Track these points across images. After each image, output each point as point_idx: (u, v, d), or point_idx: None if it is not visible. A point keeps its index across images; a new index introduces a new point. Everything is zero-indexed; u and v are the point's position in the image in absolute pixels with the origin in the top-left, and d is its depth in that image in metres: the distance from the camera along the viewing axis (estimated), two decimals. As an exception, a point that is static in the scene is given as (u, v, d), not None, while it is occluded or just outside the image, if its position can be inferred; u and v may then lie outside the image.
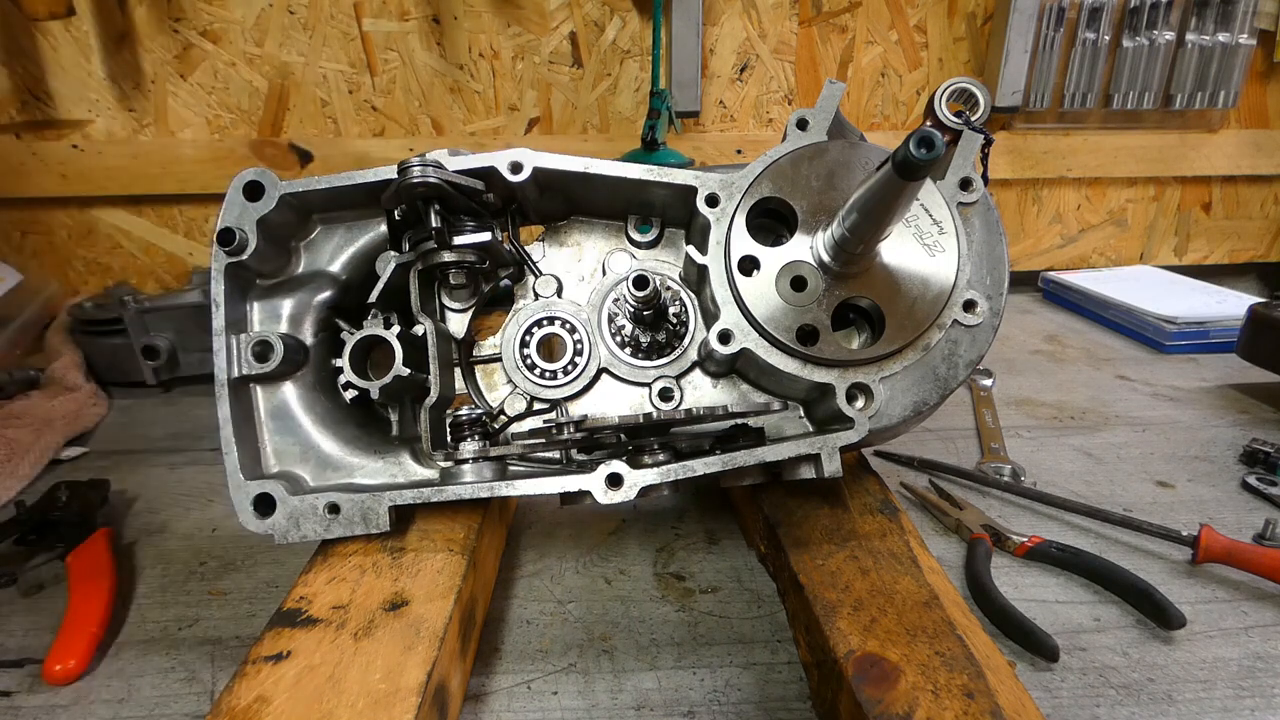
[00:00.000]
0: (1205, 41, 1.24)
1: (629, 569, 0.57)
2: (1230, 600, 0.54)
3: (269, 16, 1.14)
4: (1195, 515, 0.65)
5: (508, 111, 1.25)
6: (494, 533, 0.56)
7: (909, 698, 0.37)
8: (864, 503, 0.54)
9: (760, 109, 1.28)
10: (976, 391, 0.88)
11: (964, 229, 0.48)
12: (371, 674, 0.38)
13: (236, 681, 0.37)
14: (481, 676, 0.47)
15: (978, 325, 0.48)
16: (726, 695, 0.45)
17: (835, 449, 0.46)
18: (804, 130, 0.49)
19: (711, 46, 1.23)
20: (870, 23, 1.24)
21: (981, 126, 0.50)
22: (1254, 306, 0.86)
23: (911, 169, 0.36)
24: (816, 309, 0.47)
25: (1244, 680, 0.47)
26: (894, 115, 1.30)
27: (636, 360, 0.52)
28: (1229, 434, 0.79)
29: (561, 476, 0.46)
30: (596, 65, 1.23)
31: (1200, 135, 1.32)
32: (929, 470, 0.70)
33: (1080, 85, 1.26)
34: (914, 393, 0.48)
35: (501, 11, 1.18)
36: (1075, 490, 0.68)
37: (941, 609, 0.43)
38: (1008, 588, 0.54)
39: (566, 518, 0.64)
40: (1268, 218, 1.41)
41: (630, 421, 0.45)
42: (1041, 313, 1.26)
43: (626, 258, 0.54)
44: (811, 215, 0.48)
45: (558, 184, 0.51)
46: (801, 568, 0.47)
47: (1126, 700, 0.45)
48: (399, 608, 0.43)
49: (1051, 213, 1.37)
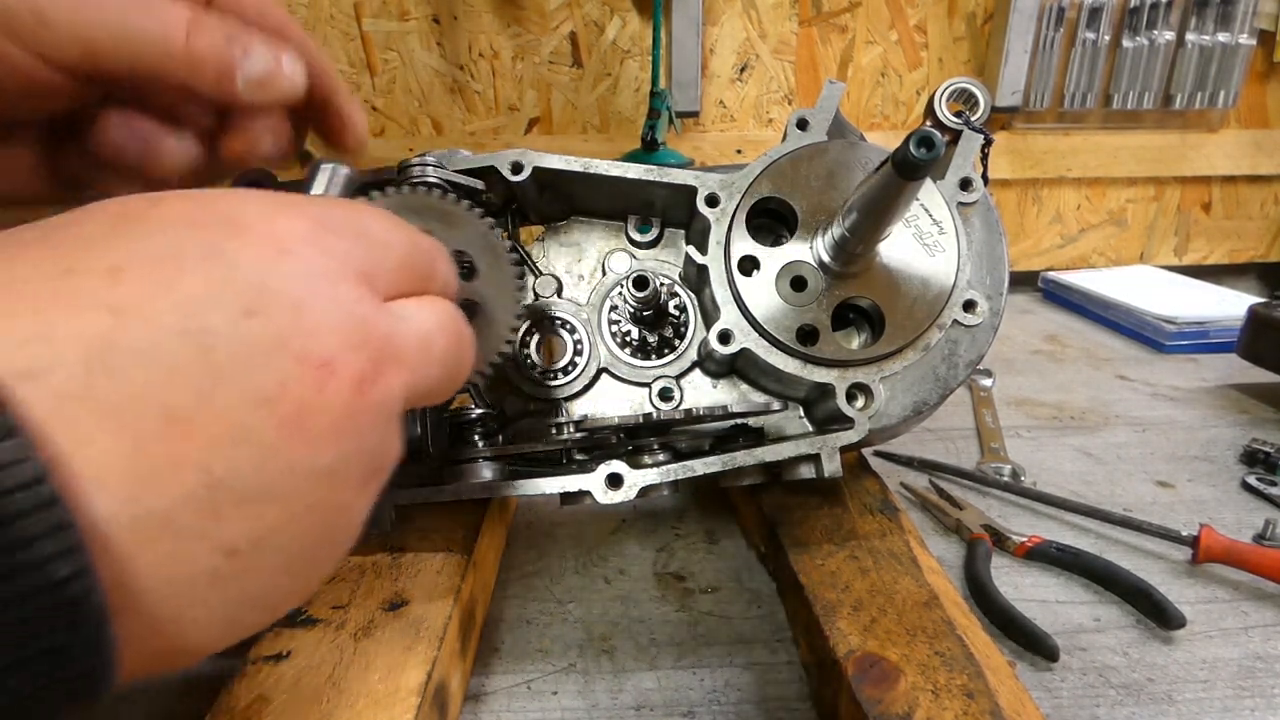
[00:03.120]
0: (1205, 41, 1.24)
1: (629, 569, 0.57)
2: (1230, 600, 0.54)
3: (269, 16, 1.15)
4: (1195, 515, 0.65)
5: (507, 111, 1.25)
6: (494, 533, 0.56)
7: (909, 698, 0.37)
8: (864, 503, 0.54)
9: (760, 109, 1.28)
10: (976, 391, 0.88)
11: (964, 229, 0.48)
12: (371, 674, 0.38)
13: (236, 681, 0.37)
14: (481, 676, 0.47)
15: (978, 325, 0.48)
16: (726, 695, 0.45)
17: (835, 449, 0.46)
18: (804, 130, 0.49)
19: (711, 46, 1.23)
20: (870, 23, 1.24)
21: (981, 126, 0.50)
22: (1254, 306, 0.86)
23: (911, 169, 0.36)
24: (816, 309, 0.47)
25: (1244, 680, 0.47)
26: (894, 115, 1.30)
27: (636, 360, 0.52)
28: (1229, 434, 0.79)
29: (561, 476, 0.46)
30: (596, 65, 1.23)
31: (1200, 135, 1.32)
32: (929, 470, 0.70)
33: (1080, 85, 1.26)
34: (914, 393, 0.48)
35: (501, 11, 1.18)
36: (1075, 490, 0.68)
37: (941, 609, 0.43)
38: (1008, 588, 0.54)
39: (566, 517, 0.64)
40: (1268, 218, 1.41)
41: (630, 421, 0.45)
42: (1041, 313, 1.26)
43: (626, 258, 0.54)
44: (811, 215, 0.48)
45: (558, 184, 0.51)
46: (801, 567, 0.47)
47: (1126, 700, 0.45)
48: (399, 607, 0.43)
49: (1051, 213, 1.37)
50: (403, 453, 0.28)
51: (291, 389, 0.22)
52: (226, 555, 0.21)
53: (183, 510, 0.20)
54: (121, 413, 0.19)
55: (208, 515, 0.20)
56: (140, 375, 0.19)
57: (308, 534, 0.23)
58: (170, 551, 0.20)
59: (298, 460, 0.22)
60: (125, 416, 0.19)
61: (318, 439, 0.22)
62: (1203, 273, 1.35)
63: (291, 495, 0.22)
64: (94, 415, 0.18)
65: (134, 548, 0.19)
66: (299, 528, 0.23)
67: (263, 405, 0.21)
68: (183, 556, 0.20)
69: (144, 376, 0.19)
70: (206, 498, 0.20)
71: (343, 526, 0.25)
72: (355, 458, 0.24)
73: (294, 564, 0.23)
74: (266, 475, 0.21)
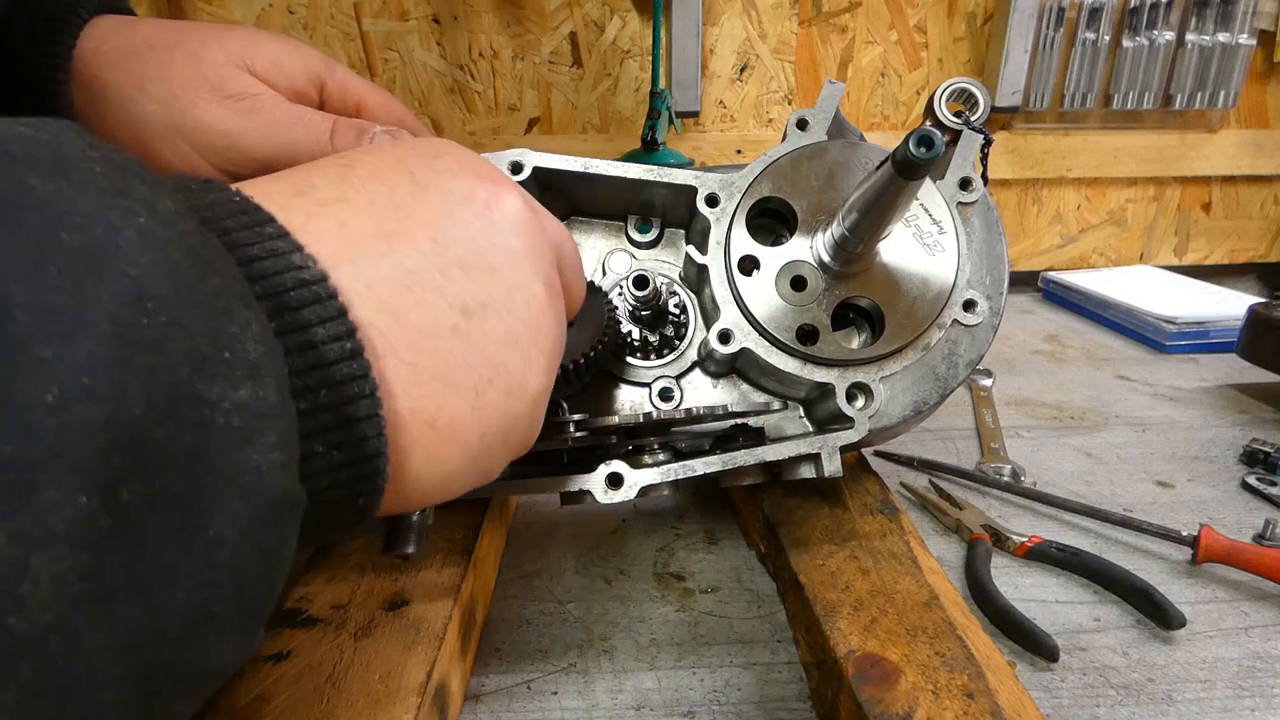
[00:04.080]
0: (1205, 41, 1.24)
1: (629, 569, 0.57)
2: (1230, 600, 0.54)
3: (269, 16, 1.14)
4: (1195, 515, 0.64)
5: (507, 111, 1.25)
6: (494, 533, 0.56)
7: (909, 698, 0.37)
8: (864, 503, 0.54)
9: (760, 109, 1.28)
10: (976, 391, 0.88)
11: (964, 229, 0.48)
12: (371, 674, 0.38)
13: (236, 681, 0.37)
14: (481, 676, 0.47)
15: (978, 325, 0.48)
16: (726, 695, 0.45)
17: (835, 448, 0.46)
18: (804, 130, 0.49)
19: (711, 46, 1.23)
20: (870, 23, 1.24)
21: (981, 126, 0.50)
22: (1254, 306, 0.86)
23: (911, 168, 0.36)
24: (816, 309, 0.47)
25: (1244, 680, 0.47)
26: (894, 115, 1.30)
27: (636, 360, 0.52)
28: (1229, 434, 0.79)
29: (561, 476, 0.46)
30: (596, 65, 1.23)
31: (1200, 135, 1.32)
32: (929, 470, 0.70)
33: (1080, 85, 1.26)
34: (914, 392, 0.48)
35: (501, 11, 1.18)
36: (1075, 490, 0.68)
37: (941, 609, 0.43)
38: (1008, 588, 0.54)
39: (566, 517, 0.64)
40: (1268, 218, 1.41)
41: (630, 421, 0.45)
42: (1041, 313, 1.26)
43: (626, 258, 0.54)
44: (811, 215, 0.48)
45: (558, 184, 0.51)
46: (801, 567, 0.47)
47: (1126, 700, 0.45)
48: (399, 607, 0.43)
49: (1051, 213, 1.37)
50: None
51: (479, 194, 0.29)
52: (463, 313, 0.26)
53: (423, 268, 0.26)
54: (367, 215, 0.25)
55: (441, 274, 0.26)
56: (378, 195, 0.26)
57: (517, 310, 0.28)
58: (419, 300, 0.25)
59: (496, 239, 0.29)
60: (369, 216, 0.25)
61: (506, 228, 0.29)
62: (1203, 273, 1.35)
63: (499, 268, 0.28)
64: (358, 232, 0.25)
65: (393, 299, 0.24)
66: (512, 301, 0.28)
67: (461, 202, 0.28)
68: (429, 306, 0.25)
69: (379, 194, 0.27)
70: (437, 259, 0.26)
71: (539, 315, 0.30)
72: (536, 253, 0.30)
73: (513, 336, 0.28)
74: (478, 247, 0.28)
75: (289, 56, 0.50)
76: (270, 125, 0.47)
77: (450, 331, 0.26)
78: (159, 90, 0.46)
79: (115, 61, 0.47)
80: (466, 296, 0.26)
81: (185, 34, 0.48)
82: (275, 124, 0.47)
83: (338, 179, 0.26)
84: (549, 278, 0.31)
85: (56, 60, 0.46)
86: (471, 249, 0.27)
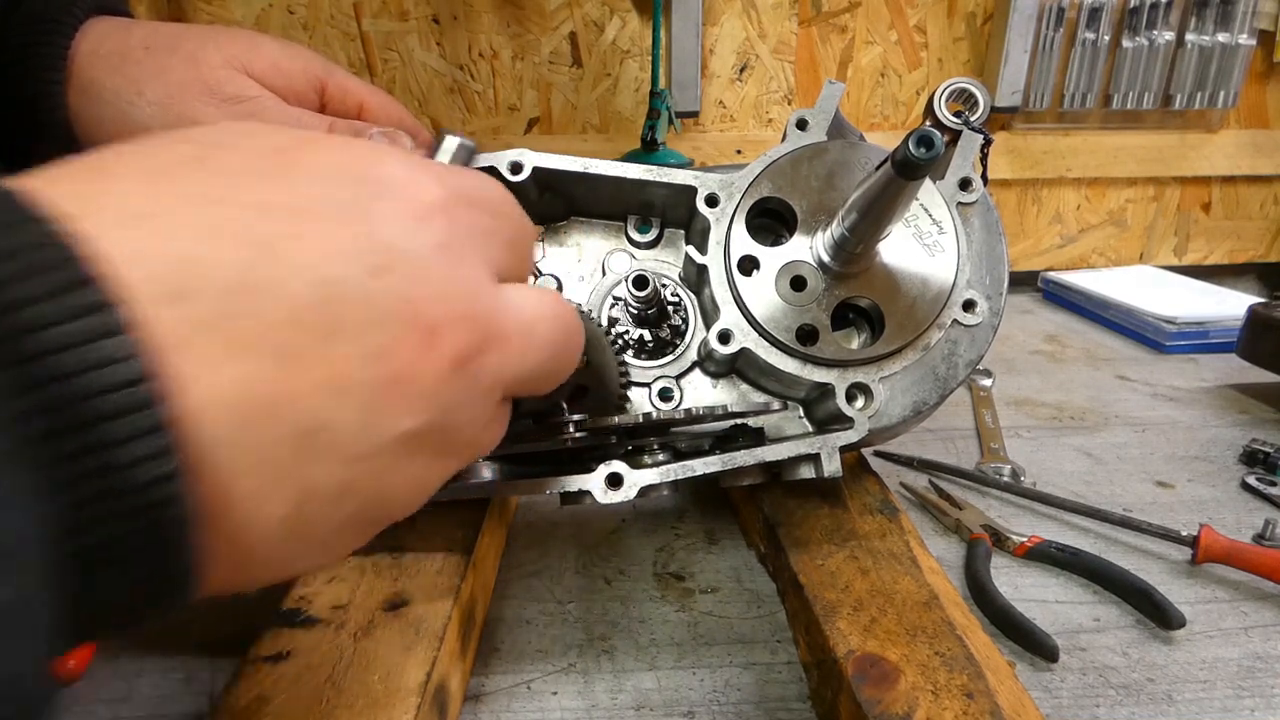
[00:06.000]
0: (1205, 42, 1.24)
1: (629, 569, 0.57)
2: (1230, 600, 0.54)
3: (269, 16, 1.14)
4: (1195, 515, 0.65)
5: (507, 111, 1.25)
6: (494, 533, 0.56)
7: (909, 698, 0.37)
8: (864, 503, 0.54)
9: (760, 109, 1.28)
10: (976, 391, 0.88)
11: (964, 229, 0.48)
12: (371, 674, 0.38)
13: (236, 681, 0.37)
14: (481, 676, 0.47)
15: (977, 325, 0.48)
16: (726, 695, 0.45)
17: (835, 449, 0.46)
18: (803, 130, 0.49)
19: (711, 46, 1.23)
20: (870, 23, 1.24)
21: (981, 126, 0.50)
22: (1254, 306, 0.86)
23: (911, 168, 0.36)
24: (816, 309, 0.47)
25: (1244, 680, 0.47)
26: (894, 115, 1.30)
27: (636, 360, 0.52)
28: (1229, 434, 0.79)
29: (561, 476, 0.46)
30: (596, 65, 1.23)
31: (1200, 135, 1.32)
32: (929, 470, 0.70)
33: (1080, 85, 1.26)
34: (914, 392, 0.48)
35: (501, 11, 1.18)
36: (1075, 490, 0.68)
37: (941, 609, 0.43)
38: (1007, 588, 0.54)
39: (566, 517, 0.64)
40: (1268, 218, 1.41)
41: (630, 421, 0.45)
42: (1041, 313, 1.26)
43: (626, 258, 0.54)
44: (811, 215, 0.48)
45: (557, 184, 0.51)
46: (801, 568, 0.47)
47: (1126, 700, 0.45)
48: (398, 608, 0.43)
49: (1051, 213, 1.37)
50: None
51: (398, 351, 0.23)
52: (307, 498, 0.22)
53: (281, 447, 0.21)
54: (245, 345, 0.20)
55: (301, 456, 0.21)
56: (268, 313, 0.20)
57: (380, 492, 0.24)
58: (259, 487, 0.21)
59: (388, 420, 0.23)
60: (248, 349, 0.20)
61: (410, 402, 0.23)
62: (1202, 273, 1.35)
63: (376, 452, 0.23)
64: (220, 344, 0.19)
65: (229, 476, 0.20)
66: (374, 485, 0.24)
67: (371, 361, 0.22)
68: (270, 492, 0.21)
69: (271, 315, 0.20)
70: (304, 440, 0.21)
71: (411, 493, 0.26)
72: (439, 429, 0.25)
73: (359, 517, 0.24)
74: (359, 428, 0.22)
75: (287, 59, 0.50)
76: None
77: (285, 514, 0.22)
78: (156, 92, 0.46)
79: (111, 64, 0.46)
80: (320, 481, 0.23)
81: (182, 36, 0.48)
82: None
83: (234, 287, 0.21)
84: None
85: (51, 62, 0.45)
86: (349, 431, 0.22)
